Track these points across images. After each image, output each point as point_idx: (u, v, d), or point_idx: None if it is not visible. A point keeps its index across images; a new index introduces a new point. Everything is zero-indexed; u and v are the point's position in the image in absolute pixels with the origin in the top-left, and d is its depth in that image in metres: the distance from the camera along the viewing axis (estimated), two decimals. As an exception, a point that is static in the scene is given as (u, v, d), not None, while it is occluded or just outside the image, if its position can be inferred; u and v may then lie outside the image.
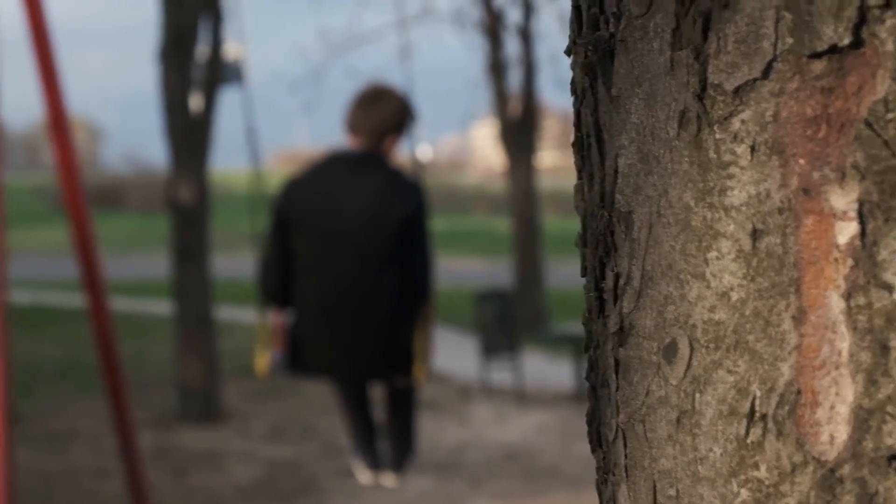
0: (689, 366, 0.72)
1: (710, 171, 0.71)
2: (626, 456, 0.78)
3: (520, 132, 14.76)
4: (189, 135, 9.49)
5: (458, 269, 27.15)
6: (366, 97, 4.91)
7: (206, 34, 9.63)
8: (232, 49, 9.81)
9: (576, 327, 11.70)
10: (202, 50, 9.78)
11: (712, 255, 0.72)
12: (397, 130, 4.89)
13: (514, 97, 14.87)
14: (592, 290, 0.81)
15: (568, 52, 0.82)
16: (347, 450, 5.39)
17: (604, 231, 0.77)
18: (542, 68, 14.99)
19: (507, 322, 10.57)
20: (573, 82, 0.83)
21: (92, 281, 5.85)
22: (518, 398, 10.43)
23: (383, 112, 4.83)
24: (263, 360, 5.03)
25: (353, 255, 4.66)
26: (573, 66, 0.83)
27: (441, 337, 14.20)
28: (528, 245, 14.89)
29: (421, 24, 14.73)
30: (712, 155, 0.71)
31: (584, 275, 0.84)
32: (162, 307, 17.26)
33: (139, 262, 28.42)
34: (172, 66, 9.39)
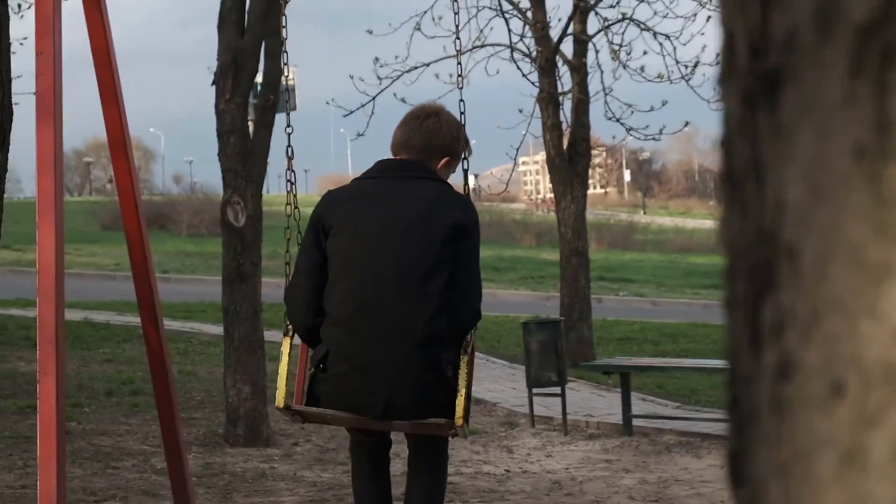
0: (858, 404, 0.70)
1: (886, 206, 0.69)
2: (785, 496, 0.75)
3: (570, 164, 14.78)
4: (244, 159, 9.58)
5: (504, 299, 27.16)
6: (418, 114, 4.65)
7: (262, 59, 9.74)
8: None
9: (623, 359, 11.70)
10: (258, 75, 9.90)
11: (886, 291, 0.70)
12: (448, 153, 4.58)
13: (566, 129, 14.90)
14: (742, 325, 0.78)
15: (721, 80, 0.81)
16: None
17: (763, 265, 0.75)
18: (592, 101, 14.96)
19: (554, 352, 10.57)
20: (725, 112, 0.81)
21: (147, 301, 5.92)
22: (564, 429, 10.42)
23: (436, 127, 4.55)
24: (283, 392, 4.54)
25: (399, 257, 4.27)
26: (725, 96, 0.80)
27: (487, 366, 14.26)
28: (576, 276, 14.88)
29: (473, 55, 14.75)
30: (889, 189, 0.69)
31: (729, 308, 0.82)
32: (209, 329, 17.37)
33: (187, 283, 28.58)
34: (228, 90, 9.50)
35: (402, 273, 4.27)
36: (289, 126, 5.07)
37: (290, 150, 5.03)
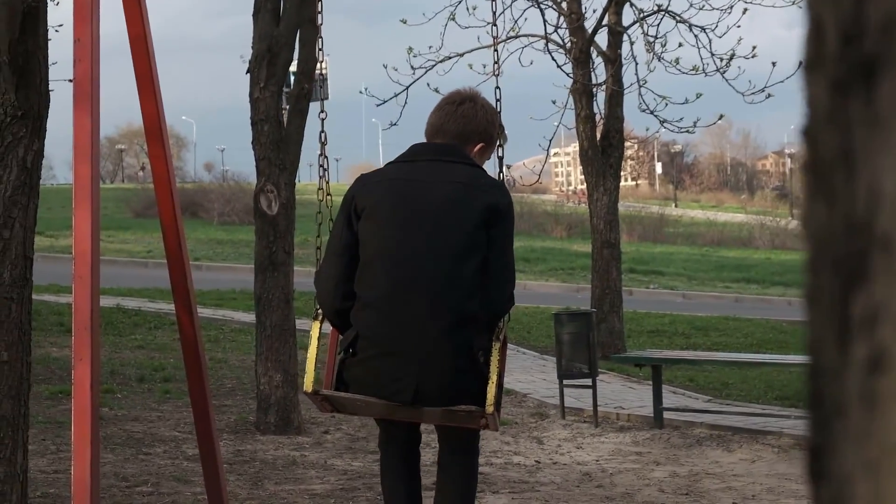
0: None
1: None
2: (874, 493, 0.74)
3: (603, 156, 14.74)
4: (277, 147, 9.59)
5: (535, 290, 27.13)
6: (453, 99, 4.62)
7: (298, 48, 9.76)
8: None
9: (654, 352, 11.66)
10: (293, 63, 9.91)
11: None
12: (483, 138, 4.54)
13: (599, 121, 14.87)
14: (828, 318, 0.77)
15: (808, 67, 0.79)
16: None
17: (853, 256, 0.73)
18: (626, 93, 14.91)
19: (585, 343, 10.54)
20: (810, 100, 0.79)
21: (181, 288, 5.92)
22: (595, 421, 10.40)
23: (471, 112, 4.52)
24: (311, 376, 4.52)
25: (432, 239, 4.22)
26: (811, 84, 0.79)
27: (518, 357, 14.25)
28: (607, 268, 14.85)
29: (507, 45, 14.70)
30: None
31: (811, 301, 0.81)
32: (240, 316, 17.42)
33: (218, 271, 28.67)
34: (262, 78, 9.51)
35: (434, 256, 4.23)
36: (322, 111, 5.04)
37: (322, 135, 4.98)
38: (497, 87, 4.81)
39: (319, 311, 4.52)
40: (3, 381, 5.42)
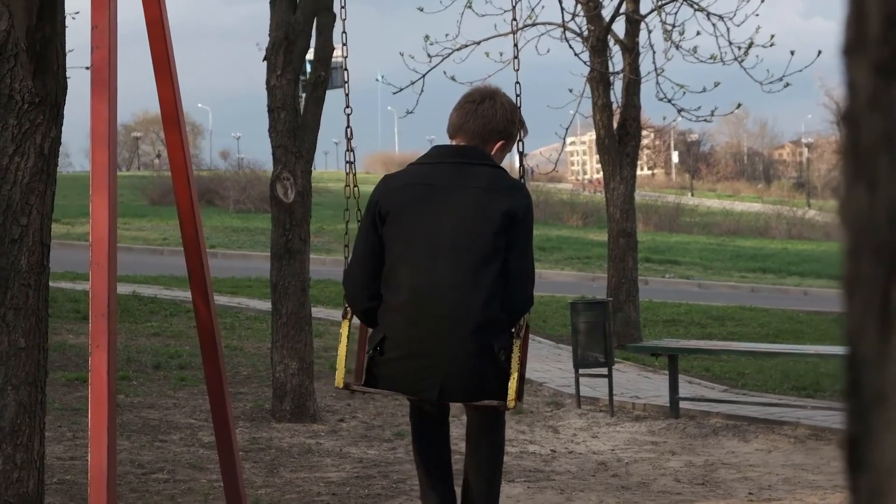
0: None
1: None
2: None
3: (619, 145, 14.71)
4: (294, 135, 9.59)
5: (550, 279, 27.10)
6: (473, 97, 4.65)
7: (314, 35, 9.75)
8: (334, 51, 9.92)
9: (671, 341, 11.64)
10: (310, 51, 9.90)
11: None
12: (502, 136, 4.59)
13: (615, 110, 14.83)
14: (868, 306, 0.76)
15: (848, 51, 0.77)
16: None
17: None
18: (643, 82, 14.86)
19: (601, 333, 10.53)
20: (850, 84, 0.78)
21: (197, 275, 5.92)
22: (610, 410, 10.39)
23: (491, 112, 4.56)
24: (342, 372, 4.68)
25: (453, 246, 4.31)
26: (852, 67, 0.77)
27: (533, 345, 14.21)
28: (623, 257, 14.82)
29: (524, 33, 14.65)
30: None
31: (850, 289, 0.79)
32: (255, 304, 17.44)
33: (234, 258, 28.71)
34: (279, 66, 9.50)
35: (455, 263, 4.32)
36: (348, 107, 5.12)
37: (349, 130, 5.06)
38: (517, 83, 4.88)
39: (348, 309, 4.66)
40: (20, 367, 5.43)
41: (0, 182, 5.39)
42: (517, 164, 4.73)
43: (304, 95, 9.99)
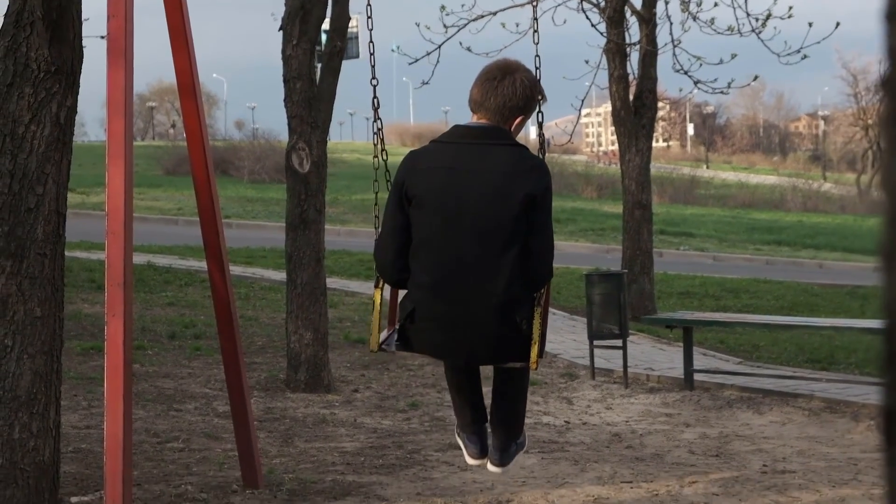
0: None
1: None
2: None
3: (635, 116, 14.67)
4: (310, 105, 9.58)
5: (565, 251, 27.07)
6: (493, 74, 4.65)
7: (330, 5, 9.72)
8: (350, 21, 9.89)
9: (686, 314, 11.62)
10: (326, 21, 9.87)
11: None
12: (522, 113, 4.65)
13: (632, 81, 14.77)
14: None
15: (890, 17, 0.76)
16: (455, 430, 5.24)
17: None
18: (660, 53, 14.80)
19: (616, 304, 10.52)
20: (890, 50, 0.77)
21: (213, 245, 5.93)
22: (625, 382, 10.39)
23: (511, 90, 4.59)
24: (375, 337, 4.85)
25: (475, 231, 4.47)
26: (893, 33, 0.76)
27: (549, 317, 14.19)
28: (638, 229, 14.79)
29: (541, 4, 14.57)
30: None
31: (889, 259, 0.78)
32: (270, 274, 17.46)
33: (248, 229, 28.73)
34: (295, 36, 9.48)
35: (479, 247, 4.49)
36: (374, 78, 5.15)
37: (376, 101, 5.12)
38: (537, 56, 4.89)
39: (380, 279, 4.77)
40: (36, 336, 5.45)
41: (16, 151, 5.39)
42: (534, 136, 4.80)
43: (319, 66, 9.97)
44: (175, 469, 6.75)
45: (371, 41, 5.22)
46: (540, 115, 4.78)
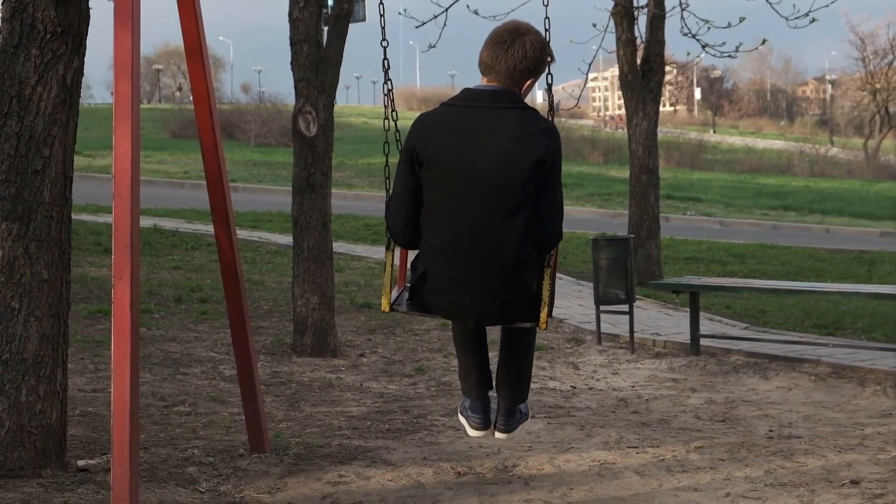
0: None
1: None
2: None
3: (643, 80, 14.61)
4: (316, 68, 9.54)
5: (571, 216, 27.06)
6: (503, 37, 4.62)
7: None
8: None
9: (693, 279, 11.61)
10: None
11: None
12: (532, 75, 4.64)
13: (639, 45, 14.71)
14: None
15: None
16: (458, 409, 5.24)
17: None
18: (668, 16, 14.72)
19: (622, 269, 10.50)
20: None
21: (220, 209, 5.91)
22: (631, 347, 10.38)
23: (521, 53, 4.57)
24: (387, 297, 4.86)
25: (485, 194, 4.49)
26: None
27: (556, 282, 14.18)
28: (645, 194, 14.76)
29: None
30: None
31: None
32: (276, 238, 17.46)
33: (255, 192, 28.71)
34: (301, -1, 9.43)
35: (489, 210, 4.50)
36: (384, 39, 5.10)
37: (386, 62, 5.11)
38: (546, 18, 4.88)
39: (391, 240, 4.81)
40: (43, 299, 5.44)
41: (23, 113, 5.37)
42: (541, 100, 4.79)
43: (326, 28, 9.92)
44: (182, 433, 6.75)
45: (381, 2, 5.19)
46: (549, 77, 4.75)
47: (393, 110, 5.05)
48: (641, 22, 14.75)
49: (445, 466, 6.26)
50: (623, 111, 15.56)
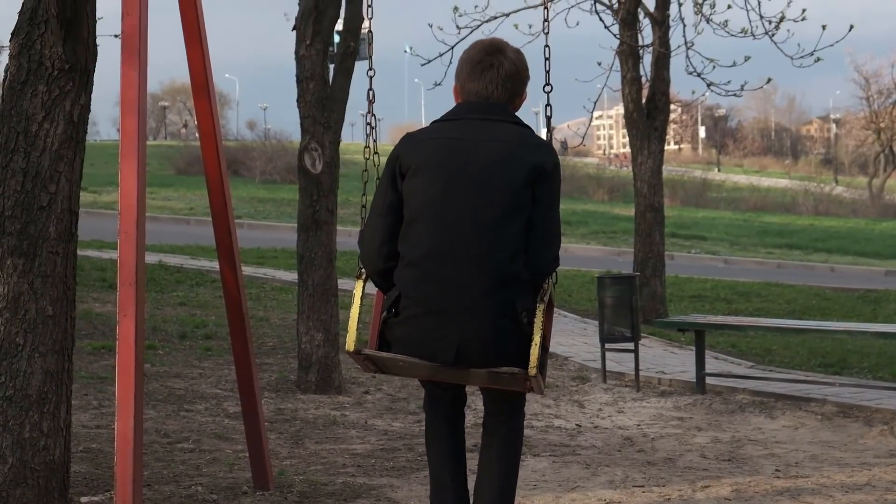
0: None
1: None
2: None
3: (648, 118, 14.64)
4: (322, 105, 9.56)
5: (576, 254, 27.04)
6: (489, 63, 4.40)
7: (343, 5, 9.70)
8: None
9: (698, 317, 11.58)
10: (339, 21, 9.85)
11: None
12: (523, 89, 4.47)
13: (644, 83, 14.75)
14: None
15: None
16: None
17: None
18: (672, 55, 14.77)
19: (628, 307, 10.48)
20: None
21: (225, 245, 5.91)
22: (636, 385, 10.35)
23: (515, 79, 4.41)
24: (353, 335, 4.43)
25: (474, 195, 4.17)
26: None
27: (559, 320, 14.19)
28: (650, 232, 14.76)
29: (554, 5, 14.55)
30: None
31: None
32: (281, 275, 17.45)
33: (260, 229, 28.74)
34: (308, 36, 9.47)
35: (478, 215, 4.18)
36: (371, 69, 4.92)
37: (371, 93, 4.88)
38: (546, 45, 4.70)
39: (363, 270, 4.47)
40: (47, 335, 5.43)
41: (29, 149, 5.37)
42: (544, 134, 4.62)
43: (332, 66, 9.96)
44: (185, 470, 6.73)
45: (370, 31, 4.96)
46: (549, 108, 4.61)
47: (375, 152, 4.74)
48: (646, 60, 14.80)
49: (450, 505, 6.21)
50: (628, 149, 15.60)
